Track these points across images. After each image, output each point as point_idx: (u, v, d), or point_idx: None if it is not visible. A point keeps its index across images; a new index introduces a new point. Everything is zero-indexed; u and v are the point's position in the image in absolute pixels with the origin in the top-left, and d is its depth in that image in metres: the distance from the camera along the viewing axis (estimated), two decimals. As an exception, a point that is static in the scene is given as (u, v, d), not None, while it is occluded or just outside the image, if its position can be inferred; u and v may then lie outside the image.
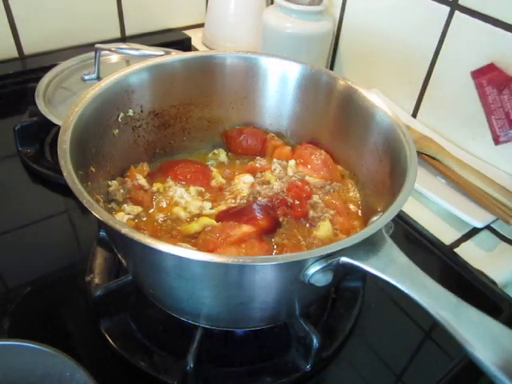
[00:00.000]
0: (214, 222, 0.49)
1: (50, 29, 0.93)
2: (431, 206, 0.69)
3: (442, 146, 0.75)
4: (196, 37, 1.09)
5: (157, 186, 0.55)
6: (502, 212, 0.64)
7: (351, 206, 0.55)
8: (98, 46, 0.79)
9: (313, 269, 0.35)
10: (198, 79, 0.59)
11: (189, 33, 1.08)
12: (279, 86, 0.60)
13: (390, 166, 0.49)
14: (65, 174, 0.39)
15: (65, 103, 0.75)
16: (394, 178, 0.47)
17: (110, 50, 0.80)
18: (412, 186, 0.41)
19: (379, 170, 0.51)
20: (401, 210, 0.39)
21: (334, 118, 0.58)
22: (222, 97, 0.61)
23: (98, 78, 0.80)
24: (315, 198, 0.54)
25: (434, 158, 0.73)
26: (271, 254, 0.47)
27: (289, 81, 0.59)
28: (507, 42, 0.67)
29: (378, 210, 0.49)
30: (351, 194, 0.57)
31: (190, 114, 0.61)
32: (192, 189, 0.56)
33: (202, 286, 0.38)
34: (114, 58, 0.88)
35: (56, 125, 0.69)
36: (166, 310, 0.46)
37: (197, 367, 0.43)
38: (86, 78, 0.81)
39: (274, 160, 0.60)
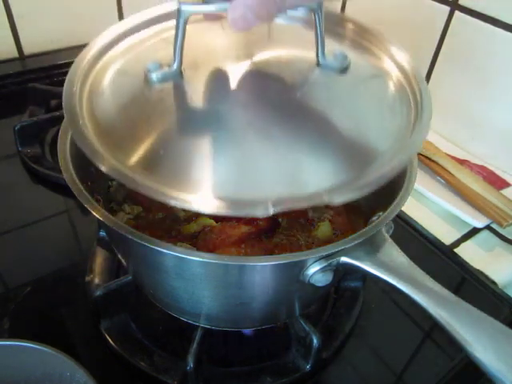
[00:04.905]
0: (214, 223, 0.49)
1: (50, 29, 0.93)
2: (431, 206, 0.69)
3: (438, 148, 0.75)
4: None
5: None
6: (496, 215, 0.64)
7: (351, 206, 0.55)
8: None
9: (313, 269, 0.35)
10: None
11: (189, 33, 1.08)
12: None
13: (390, 166, 0.48)
14: (65, 174, 0.39)
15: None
16: (394, 177, 0.47)
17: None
18: (412, 186, 0.41)
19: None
20: (401, 210, 0.39)
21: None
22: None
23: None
24: (315, 197, 0.54)
25: (431, 160, 0.73)
26: (271, 254, 0.47)
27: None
28: (507, 42, 0.67)
29: (378, 210, 0.49)
30: (351, 193, 0.57)
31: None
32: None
33: (202, 286, 0.38)
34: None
35: (56, 125, 0.69)
36: (166, 310, 0.46)
37: (197, 367, 0.43)
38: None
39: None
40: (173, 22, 0.38)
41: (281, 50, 0.45)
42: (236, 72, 0.40)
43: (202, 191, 0.31)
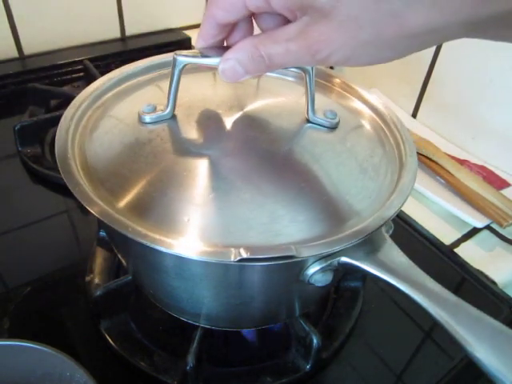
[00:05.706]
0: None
1: (50, 29, 0.93)
2: (431, 205, 0.69)
3: (438, 148, 0.75)
4: (196, 37, 1.08)
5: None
6: (496, 215, 0.64)
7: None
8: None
9: (313, 269, 0.35)
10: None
11: (189, 33, 1.08)
12: (279, 86, 0.60)
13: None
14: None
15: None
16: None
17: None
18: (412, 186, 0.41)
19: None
20: (401, 210, 0.39)
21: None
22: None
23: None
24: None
25: (431, 159, 0.73)
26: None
27: (288, 81, 0.60)
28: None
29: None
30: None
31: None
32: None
33: (202, 286, 0.38)
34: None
35: (56, 125, 0.69)
36: (166, 310, 0.46)
37: (197, 367, 0.43)
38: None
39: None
40: (168, 70, 0.40)
41: (272, 102, 0.46)
42: (227, 120, 0.41)
43: (183, 236, 0.34)
